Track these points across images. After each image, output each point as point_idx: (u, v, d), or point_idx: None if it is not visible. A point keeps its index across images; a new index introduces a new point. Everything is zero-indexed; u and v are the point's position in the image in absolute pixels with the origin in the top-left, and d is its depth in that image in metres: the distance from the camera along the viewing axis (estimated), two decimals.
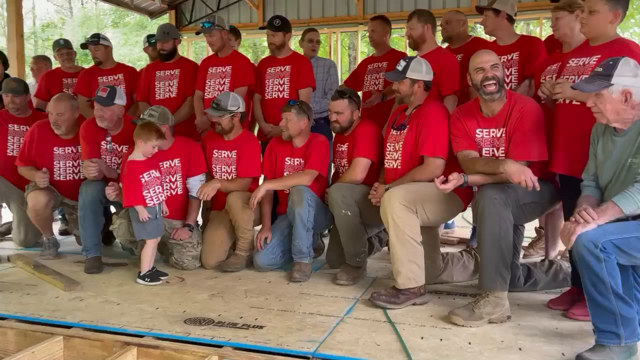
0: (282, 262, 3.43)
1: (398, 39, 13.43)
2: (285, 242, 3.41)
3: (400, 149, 2.99)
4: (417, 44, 3.52)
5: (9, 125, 3.91)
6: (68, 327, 2.48)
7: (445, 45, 3.96)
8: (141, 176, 3.17)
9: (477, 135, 2.75)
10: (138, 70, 4.66)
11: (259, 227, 3.57)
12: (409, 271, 2.68)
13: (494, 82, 2.61)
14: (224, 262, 3.45)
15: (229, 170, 3.60)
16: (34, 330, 2.46)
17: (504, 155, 2.67)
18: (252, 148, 3.60)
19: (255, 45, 16.22)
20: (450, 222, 4.09)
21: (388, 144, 3.09)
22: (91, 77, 4.34)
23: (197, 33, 4.02)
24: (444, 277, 3.08)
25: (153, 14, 10.14)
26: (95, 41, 4.25)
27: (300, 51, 4.61)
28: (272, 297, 2.89)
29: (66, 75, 4.54)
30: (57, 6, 25.64)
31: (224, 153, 3.60)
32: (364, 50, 13.29)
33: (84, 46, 4.36)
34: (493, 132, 2.70)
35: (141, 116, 3.45)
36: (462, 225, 4.59)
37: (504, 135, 2.67)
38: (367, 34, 4.17)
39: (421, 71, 2.97)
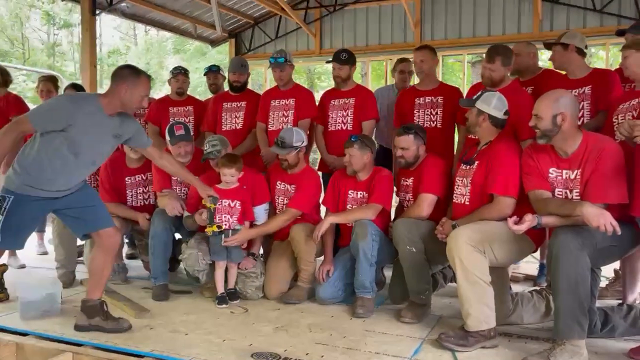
0: (343, 295, 3.42)
1: (453, 64, 13.36)
2: (348, 276, 3.39)
3: (469, 184, 2.94)
4: (495, 84, 3.35)
5: None
6: (141, 356, 2.56)
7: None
8: None
9: (550, 174, 2.66)
10: (203, 100, 4.85)
11: (319, 259, 3.58)
12: (479, 313, 2.61)
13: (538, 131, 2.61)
14: (286, 293, 3.47)
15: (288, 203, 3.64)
16: (109, 358, 2.55)
17: (578, 197, 2.57)
18: (310, 184, 3.60)
19: (310, 72, 16.48)
20: None
21: (457, 178, 3.05)
22: (163, 106, 4.53)
23: (272, 67, 4.07)
24: (513, 318, 2.97)
25: (214, 43, 10.50)
26: (185, 73, 4.52)
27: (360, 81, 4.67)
28: (336, 333, 2.87)
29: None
30: (122, 33, 27.07)
31: (285, 186, 3.67)
32: None
33: (175, 73, 4.56)
34: (567, 173, 2.61)
35: (205, 149, 3.58)
36: (527, 260, 4.42)
37: (578, 177, 2.57)
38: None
39: (490, 104, 2.92)
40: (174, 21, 9.23)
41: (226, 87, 4.61)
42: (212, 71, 4.89)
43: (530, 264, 4.26)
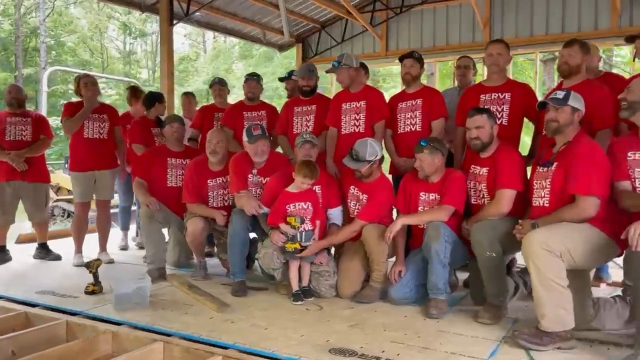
0: (415, 296, 3.44)
1: (525, 62, 12.95)
2: (419, 277, 3.42)
3: (548, 186, 2.87)
4: (570, 72, 3.30)
5: (168, 159, 4.35)
6: (225, 347, 2.71)
7: None
8: (287, 206, 3.48)
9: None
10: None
11: (390, 260, 3.62)
12: (554, 315, 2.57)
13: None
14: (359, 293, 3.54)
15: (360, 208, 3.70)
16: (197, 348, 2.71)
17: None
18: (382, 196, 3.61)
19: (374, 74, 16.50)
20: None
21: (535, 181, 2.99)
22: (237, 111, 4.72)
23: (327, 72, 4.23)
24: (594, 324, 2.88)
25: (282, 48, 10.76)
26: (255, 78, 4.71)
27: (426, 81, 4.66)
28: (410, 333, 2.91)
29: (217, 110, 5.01)
30: (191, 41, 28.17)
31: (358, 192, 3.72)
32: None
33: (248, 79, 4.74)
34: None
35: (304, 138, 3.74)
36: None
37: None
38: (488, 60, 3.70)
39: (581, 101, 2.87)
40: (244, 28, 9.55)
41: None
42: (291, 78, 5.08)
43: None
